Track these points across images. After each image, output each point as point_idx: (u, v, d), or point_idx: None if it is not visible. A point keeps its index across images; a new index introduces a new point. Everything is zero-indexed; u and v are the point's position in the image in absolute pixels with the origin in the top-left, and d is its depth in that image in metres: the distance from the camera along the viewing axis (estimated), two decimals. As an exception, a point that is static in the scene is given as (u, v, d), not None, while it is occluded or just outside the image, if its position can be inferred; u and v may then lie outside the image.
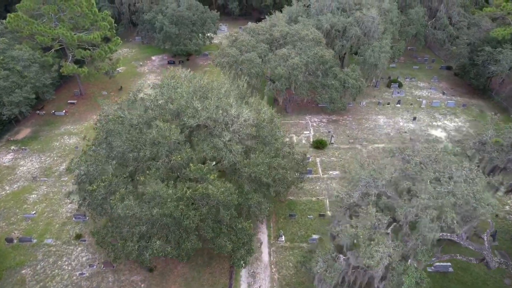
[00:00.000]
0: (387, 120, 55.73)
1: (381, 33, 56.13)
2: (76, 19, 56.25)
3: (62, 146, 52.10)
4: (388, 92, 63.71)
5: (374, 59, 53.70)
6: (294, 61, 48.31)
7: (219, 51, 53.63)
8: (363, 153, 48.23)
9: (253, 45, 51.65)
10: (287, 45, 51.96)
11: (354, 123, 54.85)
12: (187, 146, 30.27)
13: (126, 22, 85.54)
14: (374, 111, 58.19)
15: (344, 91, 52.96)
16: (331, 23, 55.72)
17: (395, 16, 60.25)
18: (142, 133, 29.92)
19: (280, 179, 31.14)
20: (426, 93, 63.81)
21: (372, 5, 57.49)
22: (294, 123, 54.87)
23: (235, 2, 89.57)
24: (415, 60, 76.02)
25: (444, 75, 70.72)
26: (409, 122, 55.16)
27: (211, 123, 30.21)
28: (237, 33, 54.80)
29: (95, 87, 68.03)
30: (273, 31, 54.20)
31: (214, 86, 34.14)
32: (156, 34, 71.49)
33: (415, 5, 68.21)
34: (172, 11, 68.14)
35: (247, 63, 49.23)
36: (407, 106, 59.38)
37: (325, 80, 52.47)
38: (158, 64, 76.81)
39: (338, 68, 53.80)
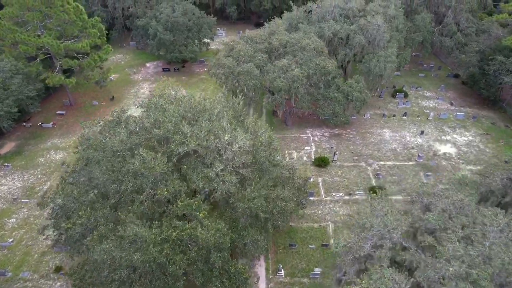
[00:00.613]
0: (393, 134, 52.54)
1: (387, 41, 52.93)
2: (64, 26, 53.07)
3: (48, 163, 48.94)
4: (393, 103, 60.50)
5: (380, 69, 50.52)
6: (294, 73, 45.13)
7: (215, 61, 50.46)
8: (369, 172, 45.06)
9: (251, 55, 48.45)
10: (287, 55, 48.76)
11: (358, 138, 51.66)
12: (175, 176, 27.13)
13: (120, 27, 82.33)
14: (379, 124, 54.99)
15: (348, 103, 49.79)
16: (333, 31, 52.54)
17: (401, 22, 57.05)
18: (125, 162, 26.74)
19: (279, 212, 27.97)
20: (433, 104, 60.61)
21: (377, 12, 54.30)
22: (294, 137, 51.68)
23: (233, 6, 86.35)
24: (420, 67, 72.78)
25: (451, 83, 67.52)
26: (417, 136, 51.97)
27: (202, 150, 27.05)
28: (233, 41, 51.62)
29: (85, 96, 64.83)
30: (272, 40, 50.99)
31: (206, 106, 30.95)
32: (150, 40, 68.29)
33: (421, 11, 65.00)
34: (166, 17, 64.94)
35: (244, 75, 46.06)
36: (414, 119, 56.18)
37: (327, 92, 49.31)
38: (153, 72, 73.62)
39: (341, 79, 50.62)
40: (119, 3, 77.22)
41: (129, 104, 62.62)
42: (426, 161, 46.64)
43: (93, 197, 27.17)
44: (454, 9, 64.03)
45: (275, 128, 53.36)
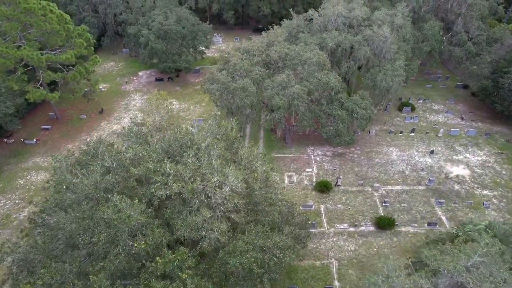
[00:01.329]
0: (401, 153, 48.80)
1: (394, 53, 49.20)
2: (46, 36, 49.30)
3: (28, 185, 45.25)
4: (399, 117, 56.76)
5: (386, 83, 46.78)
6: (294, 89, 41.40)
7: (208, 76, 46.73)
8: (375, 198, 41.34)
9: (247, 68, 44.73)
10: (287, 68, 45.01)
11: (363, 157, 47.93)
12: (156, 223, 23.42)
13: (111, 33, 78.54)
14: (385, 141, 51.25)
15: (352, 121, 46.04)
16: (336, 42, 48.81)
17: (408, 32, 53.30)
18: (98, 208, 23.03)
19: (276, 263, 24.26)
20: (442, 118, 56.86)
21: (383, 21, 50.57)
22: (294, 157, 47.95)
23: (231, 12, 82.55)
24: (427, 77, 69.06)
25: (460, 95, 63.80)
26: (426, 156, 48.23)
27: (187, 194, 23.34)
28: (229, 54, 47.88)
29: (73, 109, 61.09)
30: (270, 52, 47.26)
31: (194, 138, 27.20)
32: (141, 49, 64.57)
33: (429, 18, 61.21)
34: (158, 25, 61.18)
35: (240, 92, 42.33)
36: (422, 135, 52.45)
37: (330, 109, 45.58)
38: (145, 81, 69.86)
39: (345, 93, 46.90)
40: (111, 8, 73.44)
41: (119, 117, 58.96)
42: (438, 185, 42.94)
43: (61, 246, 23.44)
44: (464, 16, 60.27)
45: (273, 147, 49.80)
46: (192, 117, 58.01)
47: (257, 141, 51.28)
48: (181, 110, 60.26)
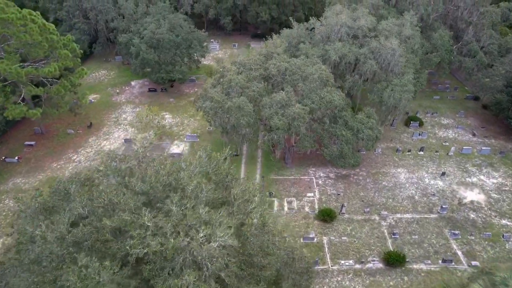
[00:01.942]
0: (409, 175, 45.23)
1: (402, 66, 45.63)
2: (28, 48, 45.77)
3: (4, 211, 41.73)
4: (407, 133, 53.19)
5: (394, 100, 43.24)
6: (295, 109, 37.85)
7: (202, 92, 43.21)
8: (383, 228, 37.80)
9: (243, 85, 41.19)
10: (286, 85, 41.47)
11: (368, 180, 44.38)
12: (133, 285, 19.87)
13: (103, 40, 74.92)
14: (392, 161, 47.69)
15: (357, 141, 42.46)
16: (340, 55, 45.25)
17: (417, 42, 49.72)
18: (64, 268, 19.49)
19: (273, 329, 20.74)
20: (452, 134, 53.29)
21: (391, 32, 46.98)
22: (294, 179, 44.41)
23: (228, 17, 78.93)
24: (434, 87, 65.48)
25: (470, 107, 60.22)
26: (437, 178, 44.69)
27: (168, 251, 19.79)
28: (224, 68, 44.31)
29: (60, 122, 57.50)
30: (269, 65, 43.69)
31: (179, 177, 23.62)
32: (132, 60, 61.00)
33: (438, 26, 57.61)
34: (150, 34, 57.57)
35: (235, 111, 38.76)
36: (432, 154, 48.89)
37: (333, 128, 42.05)
38: (138, 92, 66.27)
39: (349, 110, 43.36)
40: (102, 15, 69.82)
41: (108, 132, 55.38)
42: (451, 213, 39.41)
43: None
44: (475, 25, 56.67)
45: (272, 168, 46.28)
46: (185, 132, 54.43)
47: (255, 161, 47.72)
48: (174, 124, 56.67)
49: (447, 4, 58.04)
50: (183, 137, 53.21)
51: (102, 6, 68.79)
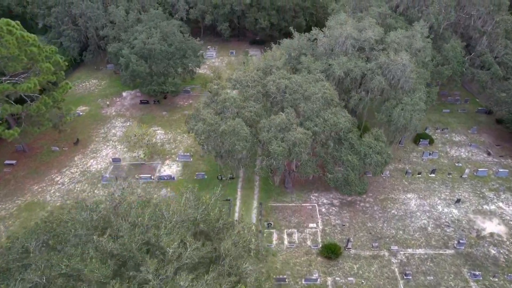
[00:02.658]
0: (420, 201, 41.44)
1: (413, 83, 41.84)
2: (5, 62, 42.02)
3: (-23, 244, 37.89)
4: (416, 152, 49.40)
5: (405, 120, 39.46)
6: (296, 134, 34.05)
7: (193, 112, 39.42)
8: (394, 267, 34.02)
9: (239, 104, 37.41)
10: (287, 104, 37.71)
11: (376, 208, 40.60)
12: None
13: (94, 47, 71.11)
14: (401, 185, 43.91)
15: (364, 166, 38.64)
16: (345, 70, 41.44)
17: (428, 55, 45.89)
18: None
19: None
20: (465, 153, 49.47)
21: (400, 44, 43.15)
22: (295, 207, 40.63)
23: (225, 23, 75.04)
24: (444, 99, 61.59)
25: (483, 122, 56.37)
26: (451, 205, 40.89)
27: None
28: (218, 85, 40.48)
29: (45, 138, 53.74)
30: (267, 82, 39.90)
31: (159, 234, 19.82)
32: (122, 71, 57.21)
33: (449, 36, 53.75)
34: (141, 44, 53.72)
35: (230, 136, 34.97)
36: (444, 177, 45.09)
37: (338, 152, 38.27)
38: (129, 104, 62.48)
39: (356, 133, 39.54)
40: (91, 22, 66.00)
41: (96, 150, 51.59)
42: (469, 248, 35.61)
43: None
44: (489, 34, 52.81)
45: (271, 193, 42.53)
46: (178, 151, 50.65)
47: (252, 185, 43.94)
48: (166, 140, 52.87)
49: (458, 12, 54.18)
50: (176, 156, 49.44)
51: (91, 13, 65.01)
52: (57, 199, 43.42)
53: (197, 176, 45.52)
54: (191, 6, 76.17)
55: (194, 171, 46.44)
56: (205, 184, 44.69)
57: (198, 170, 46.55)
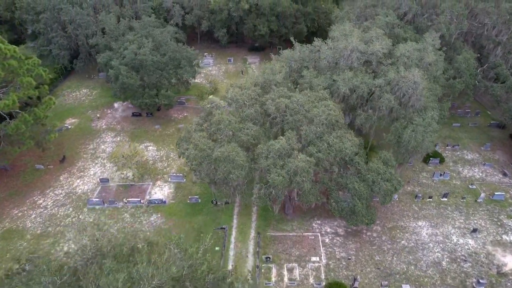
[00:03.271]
0: (433, 230, 38.03)
1: (425, 100, 38.44)
2: (-19, 77, 38.71)
3: None
4: (426, 172, 46.00)
5: (416, 142, 36.04)
6: (298, 163, 30.65)
7: (185, 135, 36.03)
8: (406, 310, 30.65)
9: (235, 127, 34.00)
10: (287, 126, 34.34)
11: (384, 238, 37.19)
12: None
13: (85, 55, 67.74)
14: (411, 210, 40.51)
15: (371, 193, 35.22)
16: (351, 86, 38.03)
17: (440, 68, 42.46)
18: None
19: None
20: (479, 173, 46.06)
21: (410, 58, 39.73)
22: (296, 236, 37.23)
23: (222, 30, 71.58)
24: (453, 112, 58.03)
25: (496, 137, 52.93)
26: (466, 235, 37.48)
27: None
28: (211, 103, 37.07)
29: (29, 155, 50.39)
30: (266, 100, 36.51)
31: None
32: (111, 83, 53.84)
33: (460, 46, 50.30)
34: (132, 55, 50.30)
35: (224, 163, 31.57)
36: (457, 201, 41.69)
37: (343, 178, 34.87)
38: (121, 116, 59.09)
39: (363, 155, 36.14)
40: (81, 29, 62.63)
41: (83, 168, 48.22)
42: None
43: None
44: (504, 45, 49.33)
45: (270, 220, 39.22)
46: (170, 170, 47.25)
47: (250, 210, 40.55)
48: (159, 158, 49.45)
49: (470, 20, 50.71)
50: (168, 177, 46.03)
51: (81, 20, 61.67)
52: (38, 225, 40.03)
53: (190, 200, 42.12)
54: (187, 12, 72.75)
55: (187, 194, 43.04)
56: (199, 209, 41.36)
57: (192, 193, 43.17)
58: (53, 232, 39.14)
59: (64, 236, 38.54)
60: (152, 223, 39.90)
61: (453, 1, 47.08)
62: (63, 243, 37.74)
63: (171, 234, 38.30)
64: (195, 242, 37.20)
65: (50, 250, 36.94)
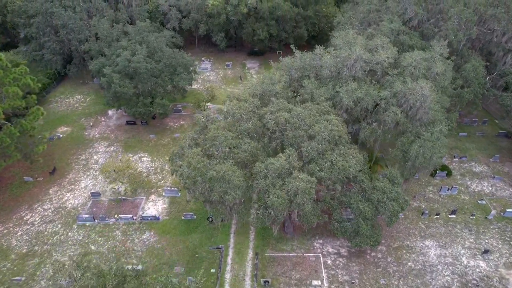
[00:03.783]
0: (441, 251, 35.90)
1: (433, 113, 36.30)
2: (-36, 88, 36.65)
3: None
4: (432, 186, 43.90)
5: (424, 159, 33.91)
6: (298, 183, 28.53)
7: (178, 151, 33.91)
8: None
9: (231, 143, 31.88)
10: (287, 142, 32.23)
11: (390, 259, 35.08)
12: None
13: (78, 60, 65.62)
14: (417, 228, 38.40)
15: (377, 213, 33.13)
16: (355, 99, 35.87)
17: (448, 78, 40.31)
18: None
19: None
20: (488, 187, 43.95)
21: (417, 67, 37.58)
22: (296, 258, 35.11)
23: (220, 34, 69.43)
24: (459, 120, 55.73)
25: (505, 148, 50.79)
26: (477, 256, 35.35)
27: None
28: (206, 116, 34.97)
29: (18, 166, 48.39)
30: (265, 113, 34.39)
31: None
32: (104, 91, 51.75)
33: (468, 53, 48.17)
34: (125, 62, 48.17)
35: (219, 182, 29.47)
36: (467, 218, 39.59)
37: (347, 197, 32.76)
38: (114, 125, 56.97)
39: (367, 175, 34.02)
40: (74, 33, 60.51)
41: (74, 180, 46.15)
42: (503, 316, 30.14)
43: None
44: (514, 52, 47.21)
45: (269, 239, 37.17)
46: (165, 183, 45.15)
47: (247, 228, 38.42)
48: (153, 170, 47.35)
49: (479, 26, 48.55)
50: (162, 191, 43.93)
51: (73, 24, 59.53)
52: (23, 244, 37.94)
53: (185, 216, 40.03)
54: (184, 15, 70.60)
55: (182, 210, 40.94)
56: (194, 227, 39.26)
57: (186, 208, 41.07)
58: (40, 252, 37.04)
59: (51, 256, 36.46)
60: (145, 242, 37.79)
61: (461, 7, 44.90)
62: (49, 264, 35.65)
63: (164, 254, 36.35)
64: (189, 264, 35.36)
65: (35, 272, 34.86)
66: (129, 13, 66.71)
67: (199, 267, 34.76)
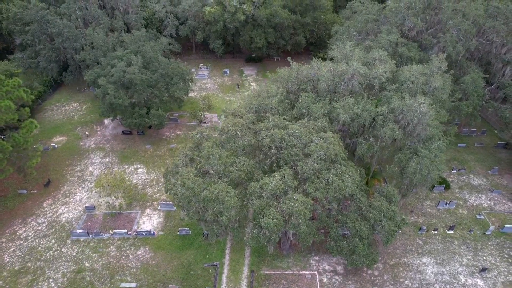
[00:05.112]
0: (438, 268, 35.48)
1: (431, 132, 35.84)
2: (-45, 103, 36.14)
3: None
4: (430, 200, 43.47)
5: (422, 176, 33.47)
6: (294, 205, 28.09)
7: (172, 168, 33.42)
8: None
9: (226, 161, 31.40)
10: (283, 161, 31.76)
11: (386, 277, 34.66)
12: None
13: (74, 68, 65.13)
14: (414, 244, 37.97)
15: (373, 232, 32.69)
16: (352, 115, 35.39)
17: (447, 92, 39.84)
18: None
19: None
20: (486, 201, 43.53)
21: (415, 82, 37.10)
22: (292, 276, 34.67)
23: (218, 41, 68.91)
24: (458, 131, 55.30)
25: (504, 160, 50.38)
26: (475, 274, 34.94)
27: None
28: (201, 133, 34.49)
29: (12, 178, 47.75)
30: (259, 130, 33.93)
31: None
32: (100, 102, 51.25)
33: (467, 64, 47.72)
34: (120, 73, 47.65)
35: (214, 203, 29.01)
36: (465, 234, 39.16)
37: (343, 216, 32.32)
38: (110, 134, 56.47)
39: (363, 192, 33.58)
40: (69, 42, 59.96)
41: (69, 193, 45.67)
42: None
43: None
44: (513, 64, 46.76)
45: (264, 256, 36.63)
46: (161, 196, 44.68)
47: (243, 245, 37.90)
48: (148, 182, 46.88)
49: (478, 37, 48.08)
50: (157, 204, 43.47)
51: (69, 33, 58.98)
52: (16, 260, 37.42)
53: (180, 232, 39.56)
54: (181, 22, 70.07)
55: (177, 225, 40.47)
56: (189, 242, 38.80)
57: (182, 223, 40.59)
58: (33, 268, 36.54)
59: (44, 273, 35.98)
60: (139, 258, 37.32)
61: (460, 19, 44.41)
62: (42, 281, 35.18)
63: (158, 271, 35.90)
64: (183, 281, 34.92)
65: (28, 291, 34.43)
66: (126, 20, 66.17)
67: (194, 285, 34.41)
